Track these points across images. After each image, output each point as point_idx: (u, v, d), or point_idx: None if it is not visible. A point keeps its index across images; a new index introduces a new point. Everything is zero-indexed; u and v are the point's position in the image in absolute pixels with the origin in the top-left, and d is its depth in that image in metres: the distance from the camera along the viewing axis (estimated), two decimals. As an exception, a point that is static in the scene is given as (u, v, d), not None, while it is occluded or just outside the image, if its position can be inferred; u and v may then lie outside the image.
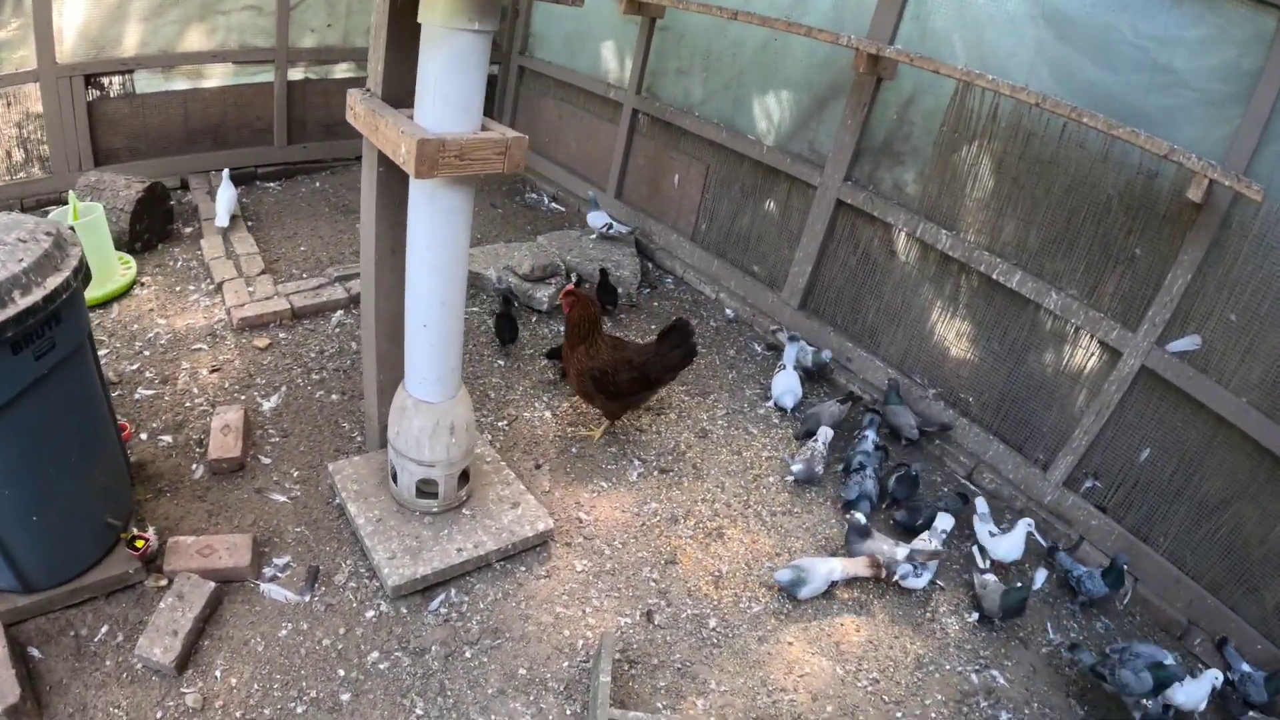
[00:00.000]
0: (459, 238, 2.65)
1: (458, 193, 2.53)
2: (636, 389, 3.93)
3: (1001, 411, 4.16)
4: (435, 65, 2.32)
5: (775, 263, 5.31)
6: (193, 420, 3.83)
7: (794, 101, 4.99)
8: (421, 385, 2.98)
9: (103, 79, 5.52)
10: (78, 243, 2.66)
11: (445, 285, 2.74)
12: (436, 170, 2.27)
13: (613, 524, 3.58)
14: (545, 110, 7.25)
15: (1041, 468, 3.99)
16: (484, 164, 2.38)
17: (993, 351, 4.14)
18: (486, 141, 2.37)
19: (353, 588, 3.08)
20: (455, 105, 2.37)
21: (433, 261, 2.67)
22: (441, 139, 2.27)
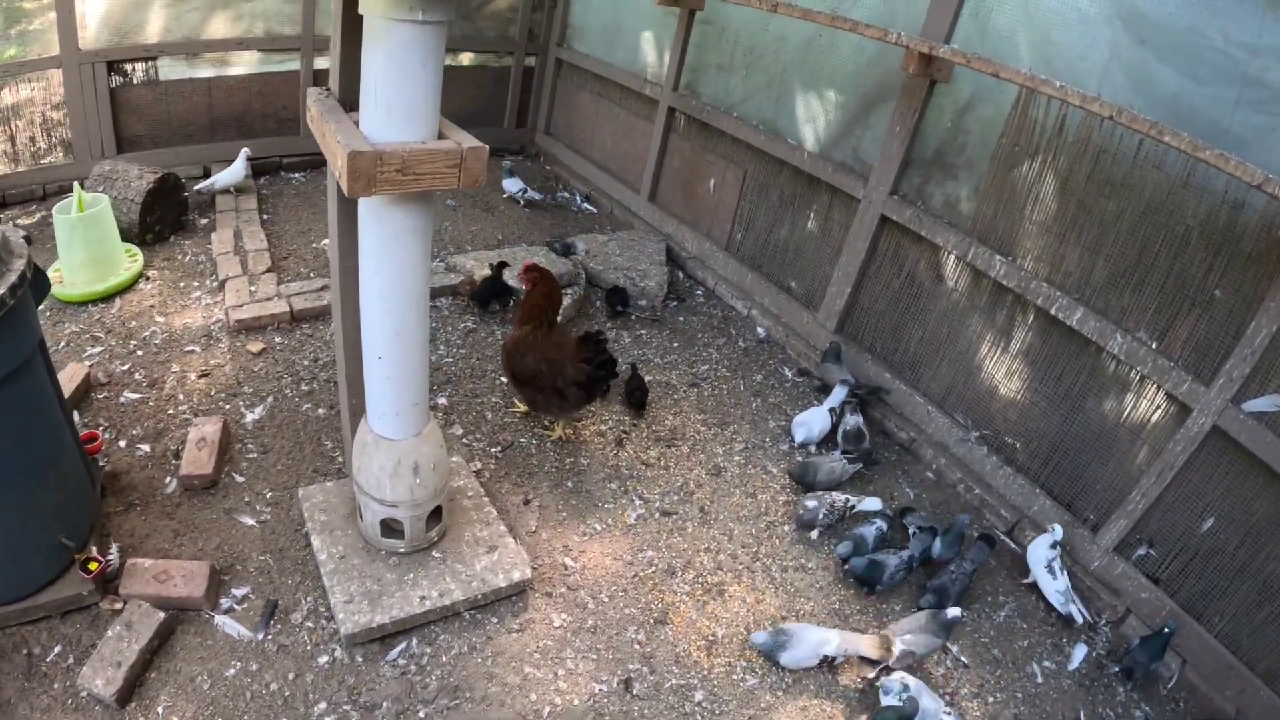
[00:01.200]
0: (413, 263, 2.41)
1: (409, 212, 2.29)
2: (542, 385, 3.74)
3: (1051, 463, 3.77)
4: (376, 63, 2.07)
5: (813, 280, 4.98)
6: (173, 429, 3.72)
7: (839, 104, 4.65)
8: (381, 420, 2.77)
9: (126, 65, 5.50)
10: (23, 253, 2.52)
11: (397, 315, 2.51)
12: (374, 188, 2.04)
13: (602, 573, 3.32)
14: (581, 105, 7.04)
15: (1091, 529, 3.59)
16: (434, 179, 2.13)
17: (1045, 395, 3.75)
18: (435, 153, 2.11)
19: (309, 628, 2.91)
20: (398, 111, 2.11)
21: (382, 288, 2.45)
22: (379, 151, 2.01)
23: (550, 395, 3.78)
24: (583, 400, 3.82)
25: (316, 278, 4.96)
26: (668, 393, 4.48)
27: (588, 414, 4.19)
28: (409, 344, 2.58)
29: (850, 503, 3.66)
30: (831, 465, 3.82)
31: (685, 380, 4.62)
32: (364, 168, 2.00)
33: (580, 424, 4.12)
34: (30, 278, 2.52)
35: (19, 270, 2.43)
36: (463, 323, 4.90)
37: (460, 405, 4.15)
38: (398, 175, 2.05)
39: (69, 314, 4.47)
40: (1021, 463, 3.91)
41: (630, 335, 5.00)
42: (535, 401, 3.88)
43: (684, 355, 4.87)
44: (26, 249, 2.56)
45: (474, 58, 7.11)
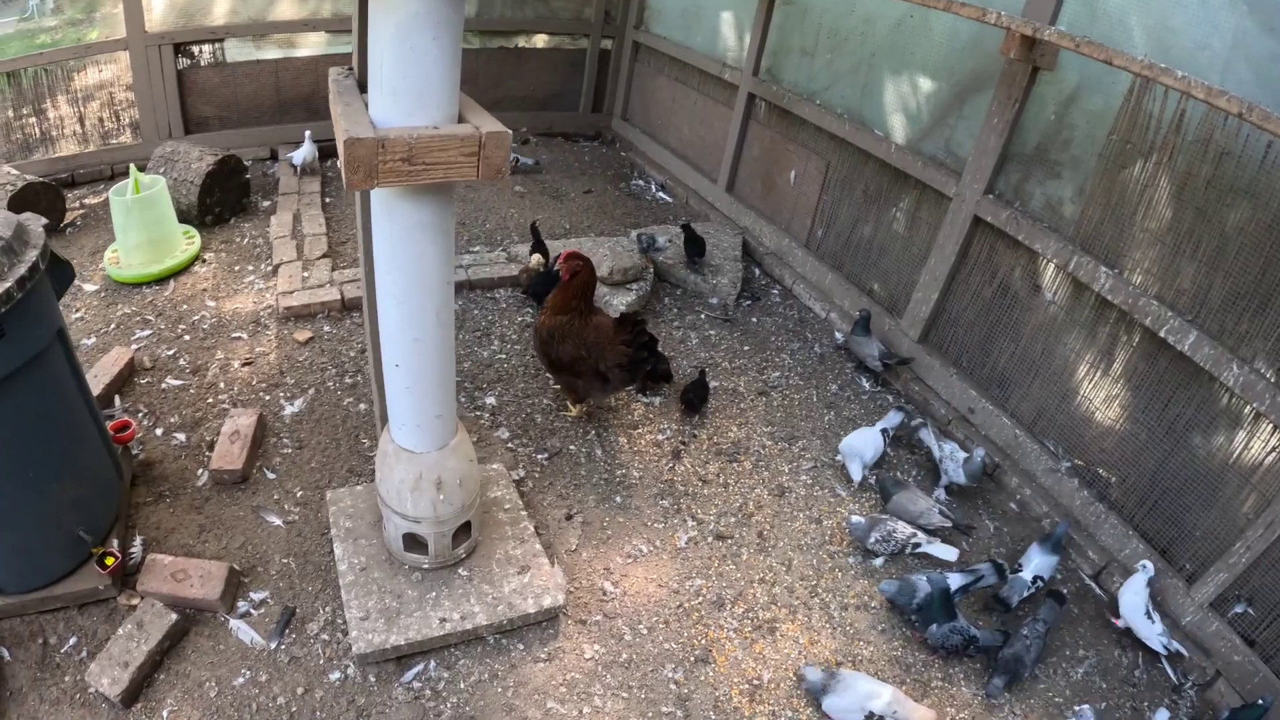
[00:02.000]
0: (431, 264, 2.24)
1: (422, 207, 2.12)
2: (581, 371, 3.72)
3: (1148, 502, 3.37)
4: (384, 38, 1.88)
5: (897, 284, 4.64)
6: (210, 419, 3.69)
7: (930, 92, 4.30)
8: (402, 431, 2.62)
9: (192, 47, 5.58)
10: (39, 244, 2.47)
11: (414, 320, 2.34)
12: (376, 179, 1.86)
13: (643, 601, 3.11)
14: (659, 90, 6.83)
15: (1186, 580, 3.19)
16: (447, 170, 1.93)
17: (1147, 426, 3.35)
18: (448, 140, 1.90)
19: (324, 640, 2.80)
20: (406, 92, 1.91)
21: (396, 291, 2.29)
22: (380, 138, 1.83)
23: (591, 379, 3.73)
24: (626, 381, 3.77)
25: (370, 265, 4.89)
26: (733, 401, 4.24)
27: (645, 421, 4.00)
28: (429, 352, 2.42)
29: (915, 540, 3.34)
30: (922, 506, 3.49)
31: (754, 388, 4.36)
32: (363, 157, 1.82)
33: (636, 432, 3.93)
34: (44, 269, 2.47)
35: (30, 262, 2.37)
36: (520, 316, 4.76)
37: (509, 406, 4.00)
38: (403, 165, 1.87)
39: (123, 295, 4.53)
40: (1115, 499, 3.52)
41: (699, 336, 4.77)
42: (575, 387, 3.85)
43: (754, 360, 4.61)
44: (44, 239, 2.51)
45: (548, 39, 6.99)
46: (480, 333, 4.51)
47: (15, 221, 2.47)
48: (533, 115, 7.19)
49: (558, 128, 7.38)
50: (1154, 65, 2.81)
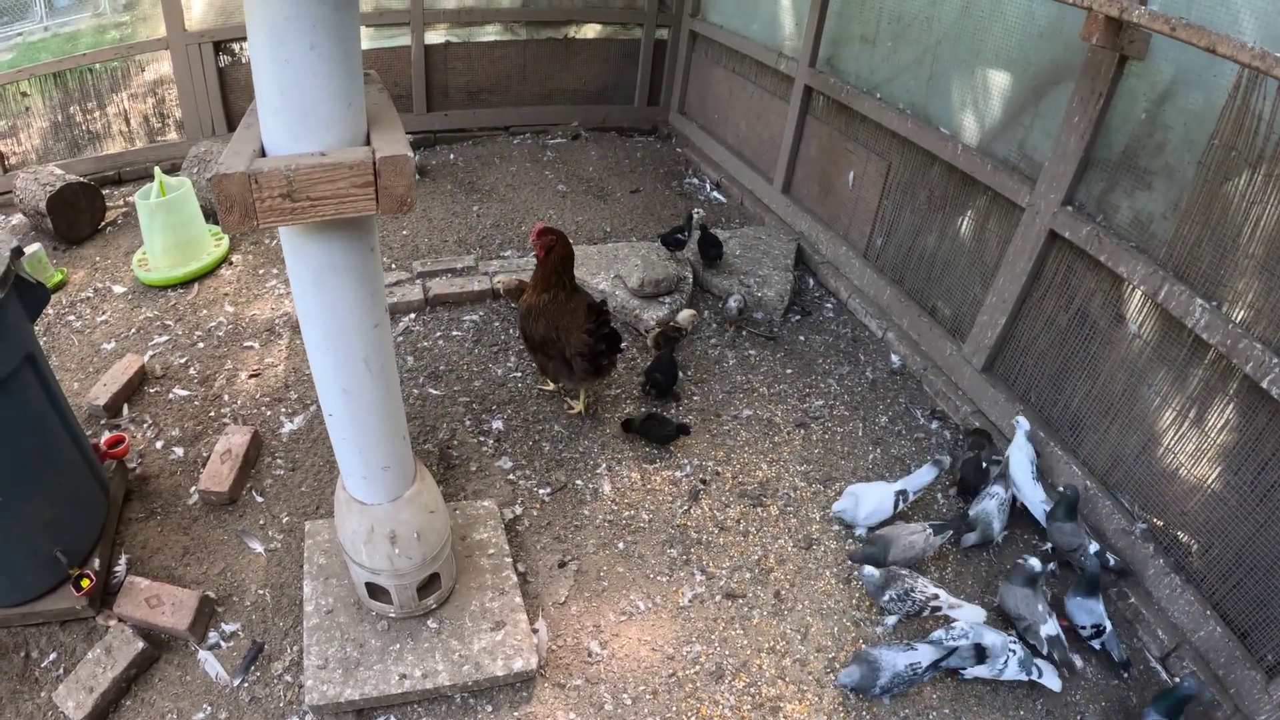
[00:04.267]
0: (348, 309, 2.04)
1: (329, 246, 1.91)
2: (551, 353, 3.72)
3: (1232, 579, 2.94)
4: (260, 49, 1.64)
5: (962, 303, 4.28)
6: (210, 433, 3.67)
7: (1002, 86, 3.91)
8: (350, 480, 2.46)
9: (233, 45, 5.64)
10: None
11: (341, 370, 2.16)
12: (255, 219, 1.66)
13: (632, 667, 2.86)
14: (715, 83, 6.57)
15: (1266, 672, 2.76)
16: (338, 204, 1.71)
17: (1239, 490, 2.92)
18: (333, 169, 1.66)
19: (286, 682, 2.70)
20: (289, 113, 1.68)
21: (318, 339, 2.11)
22: (252, 173, 1.60)
23: (559, 364, 3.74)
24: (589, 373, 3.70)
25: (398, 269, 4.84)
26: (767, 434, 3.95)
27: (663, 456, 3.76)
28: (363, 403, 2.24)
29: (934, 600, 2.99)
30: (911, 539, 3.19)
31: (792, 419, 4.06)
32: (235, 194, 1.61)
33: (652, 467, 3.69)
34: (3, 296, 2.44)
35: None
36: (541, 329, 4.61)
37: (516, 431, 3.84)
38: (284, 203, 1.66)
39: (149, 298, 4.60)
40: (1194, 571, 3.09)
41: (736, 356, 4.49)
42: (546, 369, 3.86)
43: (796, 385, 4.30)
44: (6, 264, 2.49)
45: (600, 29, 6.81)
46: (497, 347, 4.37)
47: (-13, 238, 2.45)
48: (584, 109, 7.04)
49: (611, 122, 7.19)
50: (1267, 55, 2.40)
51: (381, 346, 2.17)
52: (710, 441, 3.87)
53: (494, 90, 6.68)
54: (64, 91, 5.49)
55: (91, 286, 4.73)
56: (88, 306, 4.57)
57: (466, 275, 4.81)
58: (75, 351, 4.21)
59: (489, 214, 5.69)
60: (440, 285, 4.66)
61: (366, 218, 1.86)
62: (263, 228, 1.71)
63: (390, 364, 2.25)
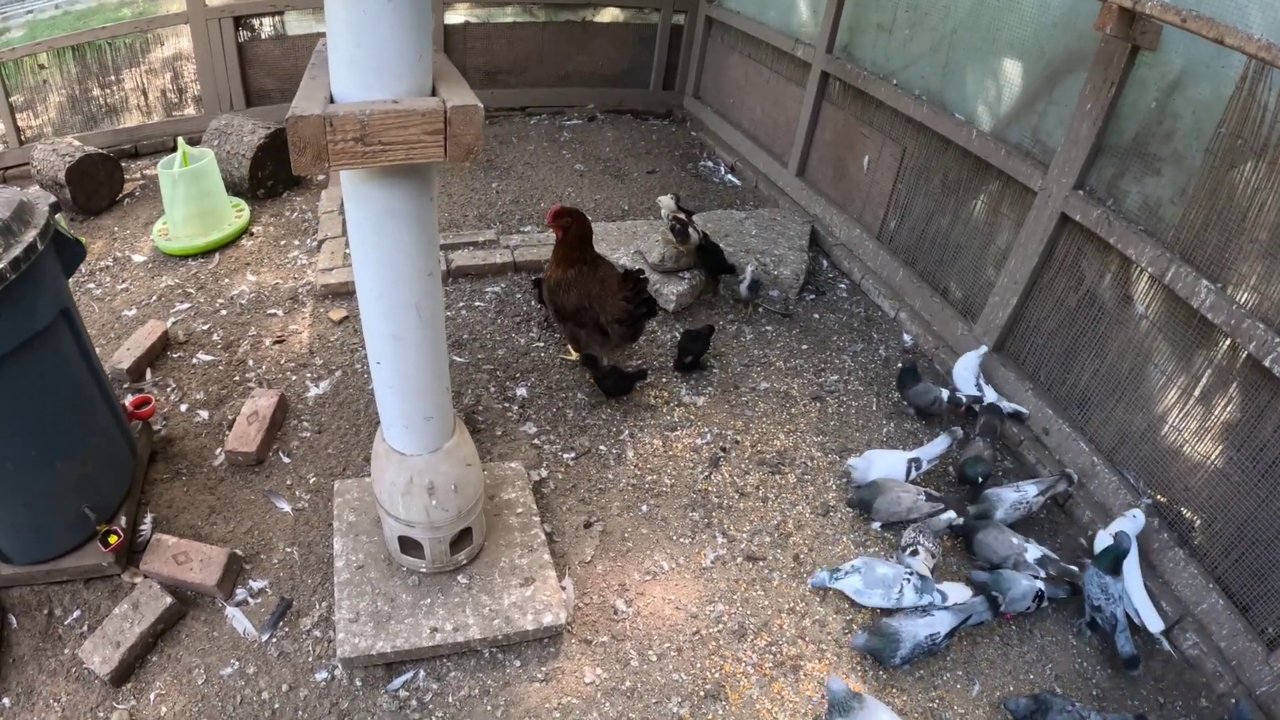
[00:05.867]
0: (405, 254, 2.11)
1: (391, 191, 1.99)
2: (584, 321, 3.84)
3: (1234, 553, 3.01)
4: (336, 1, 1.74)
5: (974, 285, 4.34)
6: (235, 397, 3.73)
7: (1017, 74, 3.97)
8: (391, 431, 2.54)
9: (253, 20, 5.69)
10: (39, 224, 2.49)
11: (393, 316, 2.23)
12: (327, 160, 1.75)
13: (657, 624, 2.95)
14: (731, 68, 6.62)
15: (1267, 645, 2.83)
16: (409, 150, 1.79)
17: (1241, 466, 2.99)
18: (407, 116, 1.74)
19: (315, 637, 2.77)
20: (364, 63, 1.75)
21: (370, 284, 2.18)
22: (328, 116, 1.69)
23: (593, 331, 3.84)
24: (625, 337, 3.86)
25: (414, 245, 4.88)
26: (784, 406, 4.03)
27: (685, 423, 3.84)
28: (412, 350, 2.30)
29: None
30: (900, 494, 3.32)
31: (808, 392, 4.14)
32: (309, 136, 1.70)
33: (673, 435, 3.77)
34: (44, 249, 2.48)
35: (27, 242, 2.38)
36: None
37: (540, 399, 3.91)
38: (356, 146, 1.74)
39: (169, 267, 4.64)
40: (1197, 545, 3.17)
41: (754, 331, 4.57)
42: (578, 337, 3.94)
43: (812, 361, 4.38)
44: (46, 219, 2.53)
45: (617, 14, 6.86)
46: (520, 318, 4.43)
47: (17, 201, 2.49)
48: (601, 92, 7.09)
49: (627, 105, 7.24)
50: (1273, 46, 2.48)
51: (433, 294, 2.26)
52: (729, 411, 3.95)
53: (512, 71, 6.73)
54: (82, 65, 5.54)
55: (111, 256, 4.77)
56: (107, 275, 4.61)
57: (488, 248, 4.87)
58: (95, 318, 4.26)
59: (508, 190, 5.75)
60: (462, 257, 4.72)
61: (428, 167, 1.92)
62: (333, 169, 1.76)
63: (439, 314, 2.34)
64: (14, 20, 5.51)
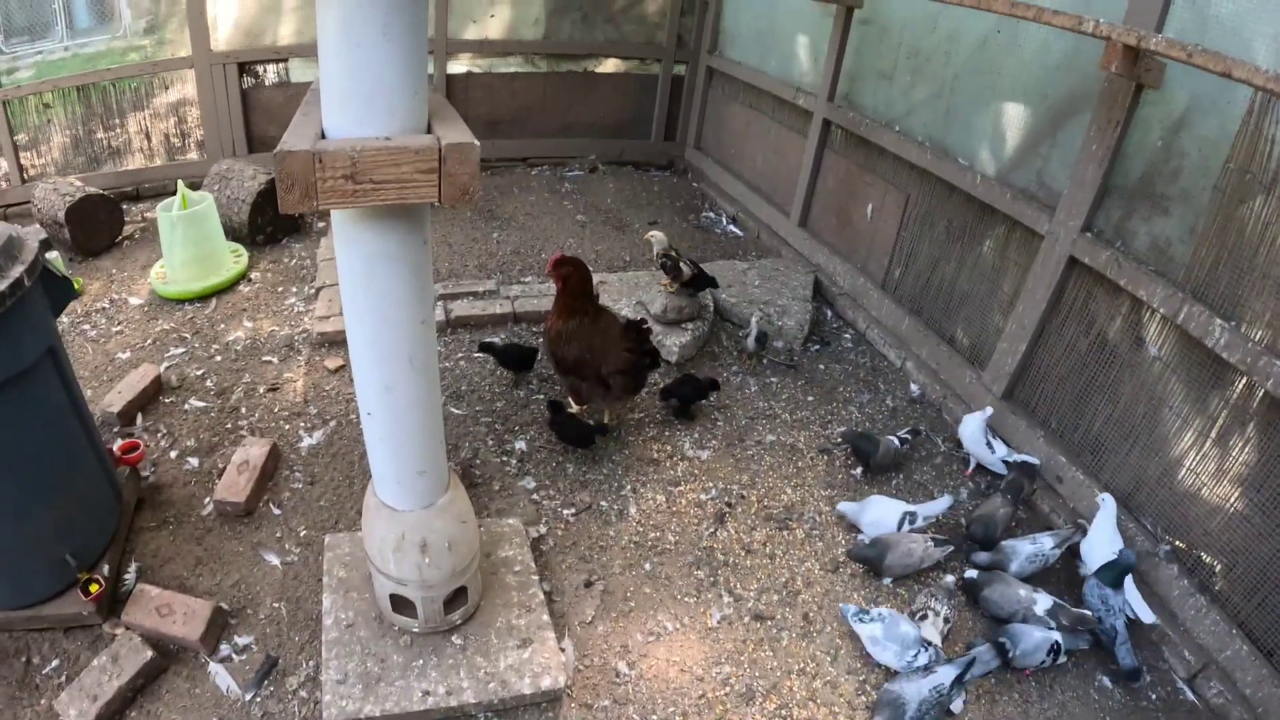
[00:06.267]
0: (396, 300, 2.03)
1: (383, 234, 1.92)
2: (585, 374, 3.72)
3: (1258, 597, 2.88)
4: (329, 34, 1.65)
5: (981, 332, 4.26)
6: (226, 445, 3.63)
7: (1020, 117, 3.95)
8: (383, 485, 2.43)
9: (257, 67, 5.72)
10: (28, 259, 2.43)
11: (385, 366, 2.14)
12: (315, 199, 1.66)
13: (661, 688, 2.79)
14: (732, 118, 6.64)
15: None
16: (401, 189, 1.70)
17: (1262, 508, 2.88)
18: (399, 153, 1.66)
19: (301, 698, 2.63)
20: (356, 97, 1.69)
21: (362, 332, 2.10)
22: (316, 152, 1.61)
23: (594, 384, 3.72)
24: (628, 389, 3.75)
25: (413, 291, 4.82)
26: (791, 459, 3.91)
27: (689, 478, 3.72)
28: (404, 402, 2.21)
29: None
30: (910, 545, 3.18)
31: (815, 444, 4.02)
32: (297, 173, 1.62)
33: (677, 490, 3.65)
34: (30, 284, 2.41)
35: (14, 277, 2.32)
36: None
37: (540, 452, 3.80)
38: (346, 184, 1.66)
39: (165, 311, 4.58)
40: (1218, 591, 3.05)
41: (758, 383, 4.47)
42: (579, 390, 3.82)
43: (818, 413, 4.28)
44: (35, 254, 2.47)
45: (619, 64, 6.91)
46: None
47: (6, 236, 2.43)
48: (602, 143, 7.12)
49: (628, 156, 7.26)
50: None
51: (427, 344, 2.17)
52: (735, 465, 3.84)
53: (514, 121, 6.75)
54: (86, 106, 5.56)
55: (107, 297, 4.72)
56: (103, 316, 4.55)
57: (488, 299, 4.80)
58: (89, 360, 4.18)
59: (509, 241, 5.70)
60: (462, 308, 4.66)
61: (422, 209, 1.85)
62: (321, 208, 1.68)
63: (433, 364, 2.25)
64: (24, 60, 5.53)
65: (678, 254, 4.57)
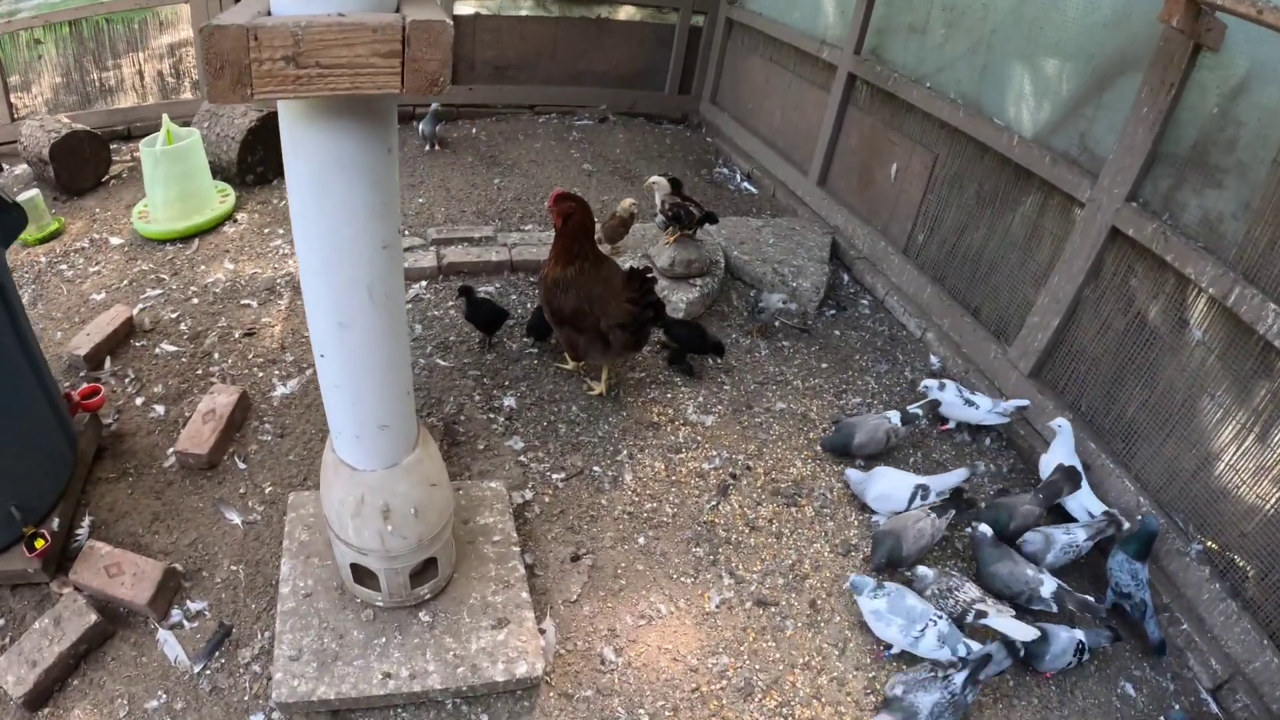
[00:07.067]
0: (353, 219, 1.69)
1: (337, 136, 1.58)
2: (583, 326, 3.37)
3: None
4: None
5: (1009, 304, 3.93)
6: (195, 392, 3.36)
7: (1063, 76, 3.59)
8: (340, 440, 2.13)
9: None
10: None
11: (338, 298, 1.81)
12: (249, 86, 1.34)
13: (650, 678, 2.52)
14: (751, 72, 6.27)
15: None
16: (353, 78, 1.37)
17: (1308, 511, 2.59)
18: (353, 31, 1.33)
19: (254, 672, 2.38)
20: None
21: (311, 257, 1.78)
22: (252, 27, 1.28)
23: (592, 338, 3.37)
24: (628, 345, 3.40)
25: (409, 235, 4.54)
26: (801, 429, 3.61)
27: (691, 444, 3.43)
28: (362, 342, 1.89)
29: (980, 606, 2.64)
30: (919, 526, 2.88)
31: (828, 415, 3.71)
32: (227, 52, 1.29)
33: (678, 457, 3.36)
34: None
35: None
36: (561, 306, 4.28)
37: (530, 410, 3.51)
38: (287, 68, 1.33)
39: (145, 251, 4.30)
40: (1250, 597, 2.77)
41: (769, 346, 4.15)
42: (576, 344, 3.47)
43: (832, 381, 3.96)
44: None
45: (633, 12, 6.52)
46: (515, 321, 4.03)
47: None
48: (614, 93, 6.73)
49: (640, 108, 6.87)
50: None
51: (390, 273, 1.83)
52: (741, 434, 3.54)
53: (521, 67, 6.37)
54: (79, 42, 5.24)
55: (88, 237, 4.43)
56: (81, 257, 4.27)
57: (484, 245, 4.49)
58: (62, 301, 3.91)
59: (510, 187, 5.38)
60: (455, 253, 4.36)
61: (385, 107, 1.52)
62: (258, 98, 1.37)
63: (398, 297, 1.91)
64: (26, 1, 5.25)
65: (683, 196, 4.24)
